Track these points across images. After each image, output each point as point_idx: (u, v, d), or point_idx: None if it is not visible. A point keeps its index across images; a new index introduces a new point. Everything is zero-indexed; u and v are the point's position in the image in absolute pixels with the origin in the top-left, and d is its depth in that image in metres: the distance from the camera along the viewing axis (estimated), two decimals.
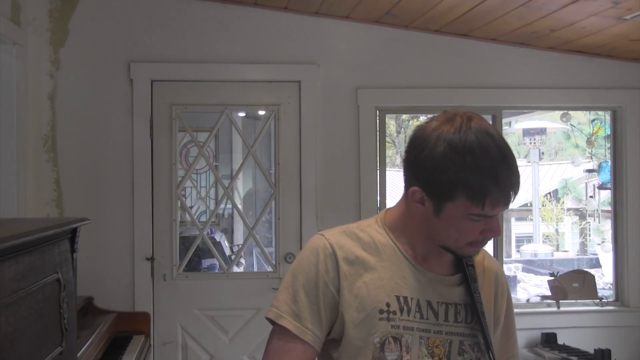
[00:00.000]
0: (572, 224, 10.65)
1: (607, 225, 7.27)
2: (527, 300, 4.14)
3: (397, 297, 1.28)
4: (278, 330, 1.27)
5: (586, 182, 10.11)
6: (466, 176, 1.18)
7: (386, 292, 1.27)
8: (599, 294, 3.83)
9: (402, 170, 1.32)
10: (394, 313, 1.26)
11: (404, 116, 10.48)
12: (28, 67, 3.11)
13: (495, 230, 1.24)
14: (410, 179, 1.27)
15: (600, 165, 6.30)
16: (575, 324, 3.67)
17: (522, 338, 3.66)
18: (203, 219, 5.61)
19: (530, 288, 5.70)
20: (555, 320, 3.68)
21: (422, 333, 1.27)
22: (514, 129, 8.54)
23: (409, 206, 1.29)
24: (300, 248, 2.76)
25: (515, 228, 10.74)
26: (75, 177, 3.36)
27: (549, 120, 9.04)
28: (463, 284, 1.33)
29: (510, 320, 1.43)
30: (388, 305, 1.27)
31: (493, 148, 1.20)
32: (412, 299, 1.28)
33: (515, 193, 1.22)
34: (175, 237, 3.47)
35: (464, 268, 1.33)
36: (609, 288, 4.67)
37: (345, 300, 1.27)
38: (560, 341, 3.58)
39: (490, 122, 3.87)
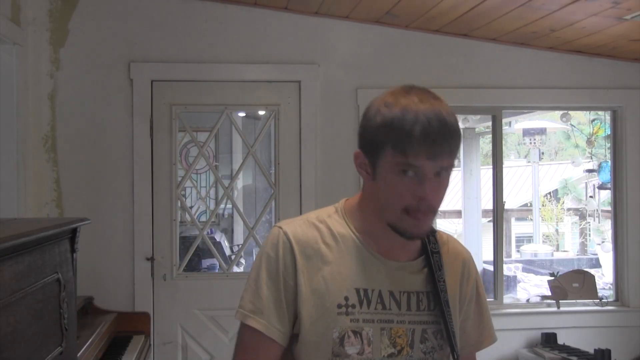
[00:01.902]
0: (572, 224, 10.65)
1: (607, 225, 7.27)
2: (527, 300, 4.14)
3: (357, 290, 1.26)
4: (245, 328, 1.28)
5: (586, 182, 10.11)
6: (390, 122, 1.18)
7: (345, 285, 1.26)
8: (599, 294, 3.83)
9: None
10: (353, 307, 1.25)
11: None
12: (28, 67, 3.11)
13: (427, 194, 1.18)
14: (358, 145, 1.28)
15: (600, 165, 6.30)
16: (575, 324, 3.67)
17: (522, 338, 3.66)
18: (203, 219, 5.61)
19: (530, 288, 5.71)
20: (555, 320, 3.68)
21: (384, 324, 1.26)
22: (514, 129, 8.53)
23: (363, 184, 1.30)
24: None
25: (515, 228, 10.74)
26: (75, 177, 3.36)
27: (549, 120, 9.04)
28: (427, 270, 1.31)
29: (481, 306, 1.41)
30: (346, 299, 1.25)
31: (424, 103, 1.20)
32: (372, 290, 1.27)
33: (443, 145, 1.17)
34: (175, 237, 3.47)
35: (428, 255, 1.32)
36: (609, 288, 4.68)
37: (303, 296, 1.26)
38: (560, 341, 3.58)
39: (490, 122, 3.89)
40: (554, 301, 3.76)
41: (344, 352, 1.24)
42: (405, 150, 1.17)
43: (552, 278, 3.87)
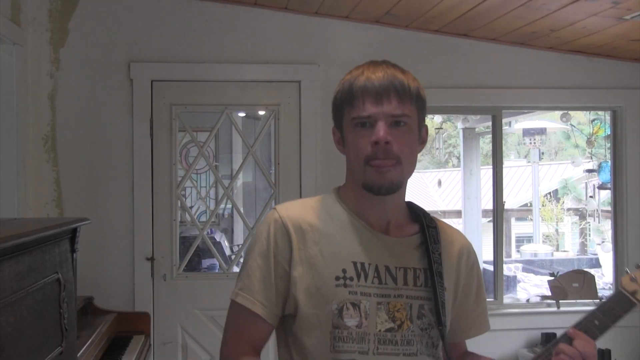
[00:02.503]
0: (572, 224, 10.66)
1: (607, 225, 7.28)
2: (527, 300, 4.14)
3: (354, 263, 1.27)
4: (233, 304, 1.32)
5: (586, 182, 10.11)
6: (342, 85, 1.32)
7: (342, 258, 1.27)
8: (599, 294, 3.83)
9: None
10: (351, 279, 1.26)
11: None
12: (28, 67, 3.11)
13: (380, 137, 1.22)
14: None
15: (600, 165, 6.30)
16: None
17: (522, 338, 3.66)
18: (203, 219, 5.61)
19: (530, 288, 5.70)
20: (555, 320, 3.68)
21: (381, 298, 1.27)
22: (514, 129, 8.54)
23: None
24: None
25: (515, 228, 10.75)
26: (75, 177, 3.36)
27: (549, 120, 9.04)
28: (423, 246, 1.32)
29: (479, 293, 1.42)
30: (344, 271, 1.26)
31: (370, 67, 1.29)
32: (369, 264, 1.28)
33: (388, 91, 1.24)
34: (175, 237, 3.47)
35: (425, 231, 1.33)
36: (609, 288, 4.68)
37: (299, 271, 1.27)
38: None
39: (490, 122, 3.89)
40: (554, 301, 3.76)
41: (343, 324, 1.24)
42: (353, 103, 1.26)
43: (552, 278, 3.88)
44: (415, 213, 1.38)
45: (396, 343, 1.26)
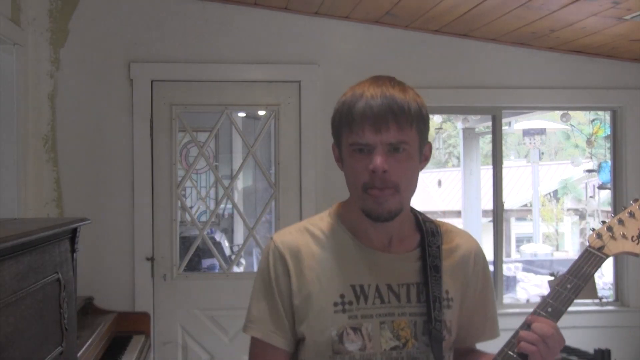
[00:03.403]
0: (572, 224, 10.65)
1: None
2: (527, 300, 4.14)
3: (353, 287, 1.27)
4: (251, 338, 1.33)
5: (586, 182, 10.10)
6: (341, 106, 1.27)
7: (340, 283, 1.27)
8: (599, 294, 3.83)
9: None
10: (350, 303, 1.26)
11: None
12: (28, 67, 3.11)
13: (377, 166, 1.20)
14: None
15: (600, 165, 6.30)
16: (575, 324, 3.67)
17: None
18: (203, 219, 5.60)
19: (530, 288, 5.70)
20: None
21: (384, 318, 1.26)
22: (514, 129, 8.54)
23: None
24: None
25: (515, 228, 10.75)
26: (75, 177, 3.36)
27: (548, 120, 9.04)
28: (422, 257, 1.31)
29: (487, 297, 1.41)
30: (342, 296, 1.26)
31: (369, 86, 1.25)
32: (369, 285, 1.27)
33: (387, 118, 1.20)
34: (175, 237, 3.47)
35: (425, 244, 1.32)
36: (609, 288, 4.68)
37: (299, 299, 1.27)
38: None
39: (490, 122, 3.89)
40: None
41: (344, 349, 1.24)
42: (352, 128, 1.23)
43: (552, 278, 3.88)
44: (419, 221, 1.36)
45: None
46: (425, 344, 1.27)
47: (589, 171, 7.91)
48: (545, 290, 4.13)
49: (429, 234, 1.33)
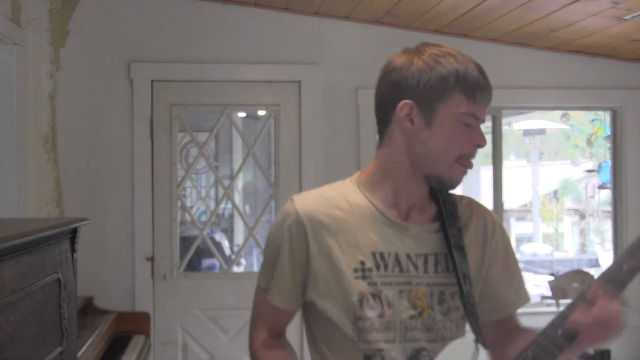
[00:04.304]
0: (572, 224, 10.65)
1: (607, 225, 7.27)
2: None
3: (373, 254, 1.28)
4: (258, 297, 1.38)
5: (586, 182, 10.10)
6: (456, 72, 1.25)
7: (360, 250, 1.28)
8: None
9: (377, 112, 1.34)
10: (370, 270, 1.27)
11: None
12: (28, 67, 3.11)
13: (483, 138, 1.26)
14: (394, 98, 1.29)
15: (600, 165, 6.30)
16: None
17: None
18: (203, 219, 5.61)
19: (530, 288, 5.70)
20: None
21: (403, 286, 1.27)
22: (514, 129, 8.54)
23: (393, 140, 1.30)
24: None
25: (515, 228, 10.74)
26: (75, 177, 3.36)
27: (548, 120, 9.03)
28: (443, 231, 1.32)
29: (511, 265, 1.40)
30: (362, 263, 1.27)
31: (465, 54, 1.32)
32: (389, 253, 1.28)
33: (490, 94, 1.29)
34: (175, 237, 3.47)
35: (440, 207, 1.33)
36: None
37: (317, 265, 1.28)
38: None
39: (490, 122, 3.89)
40: (554, 301, 3.76)
41: (364, 315, 1.25)
42: (475, 99, 1.25)
43: (552, 278, 3.88)
44: (433, 190, 1.37)
45: (417, 330, 1.27)
46: (441, 314, 1.28)
47: (589, 171, 7.92)
48: (546, 291, 4.13)
49: (444, 196, 1.35)
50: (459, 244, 1.30)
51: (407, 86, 1.27)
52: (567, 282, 3.82)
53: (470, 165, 1.28)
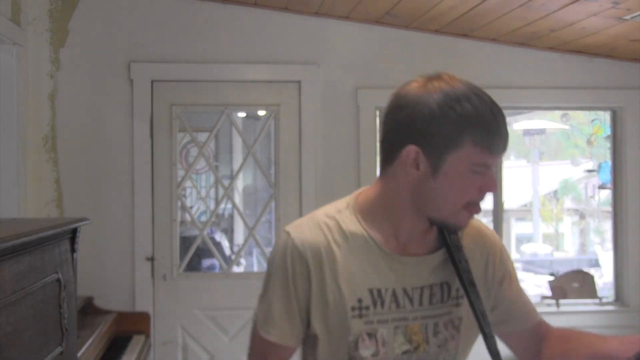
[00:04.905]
0: (572, 224, 10.65)
1: (607, 225, 7.27)
2: None
3: (370, 291, 1.24)
4: (257, 336, 1.29)
5: (586, 182, 10.10)
6: (470, 120, 1.16)
7: (358, 287, 1.24)
8: (599, 294, 3.83)
9: (381, 143, 1.27)
10: (367, 308, 1.23)
11: None
12: (28, 67, 3.11)
13: (494, 184, 1.19)
14: (401, 140, 1.20)
15: (600, 166, 6.30)
16: (575, 323, 3.66)
17: None
18: (203, 219, 5.61)
19: (530, 288, 5.71)
20: (555, 320, 3.61)
21: (399, 322, 1.25)
22: (514, 129, 8.53)
23: (397, 177, 1.22)
24: None
25: (515, 228, 10.73)
26: (75, 177, 3.36)
27: (548, 120, 9.03)
28: (445, 258, 1.28)
29: (518, 284, 1.39)
30: (360, 301, 1.23)
31: (484, 94, 1.23)
32: (386, 290, 1.24)
33: (507, 140, 1.22)
34: (175, 237, 3.47)
35: (446, 240, 1.28)
36: (609, 288, 4.68)
37: (316, 302, 1.24)
38: None
39: None
40: (554, 301, 3.76)
41: (359, 355, 1.23)
42: (490, 150, 1.17)
43: (552, 278, 3.88)
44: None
45: None
46: (437, 346, 1.27)
47: (589, 171, 7.92)
48: (546, 291, 4.13)
49: (454, 246, 1.28)
50: (470, 280, 1.25)
51: (416, 130, 1.18)
52: (567, 282, 3.83)
53: (478, 211, 1.21)
